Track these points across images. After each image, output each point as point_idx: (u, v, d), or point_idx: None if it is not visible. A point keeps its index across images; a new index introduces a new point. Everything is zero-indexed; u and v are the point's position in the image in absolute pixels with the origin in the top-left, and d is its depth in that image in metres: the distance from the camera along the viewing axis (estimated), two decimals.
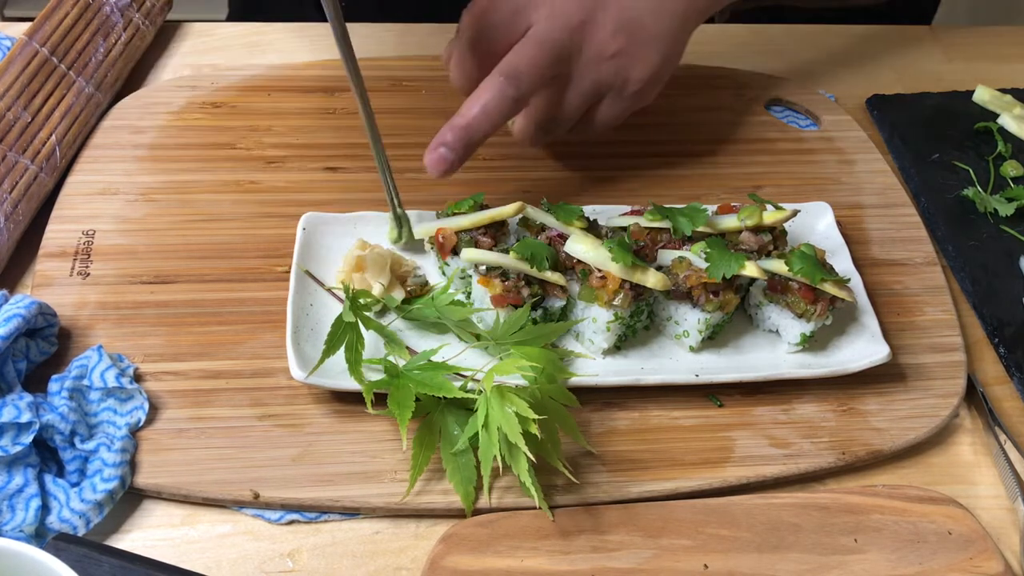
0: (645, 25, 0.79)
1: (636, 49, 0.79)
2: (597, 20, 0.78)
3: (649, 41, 0.79)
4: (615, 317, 0.71)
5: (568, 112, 0.80)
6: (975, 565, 0.64)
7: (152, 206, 0.83)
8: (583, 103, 0.80)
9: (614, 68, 0.79)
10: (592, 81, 0.79)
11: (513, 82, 0.73)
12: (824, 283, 0.72)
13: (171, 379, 0.71)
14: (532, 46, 0.75)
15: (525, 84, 0.74)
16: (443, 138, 0.73)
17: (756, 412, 0.72)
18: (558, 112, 0.80)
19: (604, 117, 0.83)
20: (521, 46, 0.75)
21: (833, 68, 1.06)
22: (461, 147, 0.73)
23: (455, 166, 0.74)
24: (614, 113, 0.82)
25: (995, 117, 0.99)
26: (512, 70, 0.74)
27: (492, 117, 0.73)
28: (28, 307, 0.67)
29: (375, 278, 0.74)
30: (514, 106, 0.74)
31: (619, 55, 0.78)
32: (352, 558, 0.64)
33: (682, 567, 0.63)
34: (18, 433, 0.62)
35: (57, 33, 0.89)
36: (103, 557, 0.55)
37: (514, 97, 0.74)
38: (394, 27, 1.05)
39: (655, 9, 0.80)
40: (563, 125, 0.82)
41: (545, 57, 0.75)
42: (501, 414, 0.62)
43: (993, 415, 0.74)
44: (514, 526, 0.64)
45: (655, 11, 0.79)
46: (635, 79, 0.80)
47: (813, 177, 0.92)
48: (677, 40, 0.82)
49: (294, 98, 0.94)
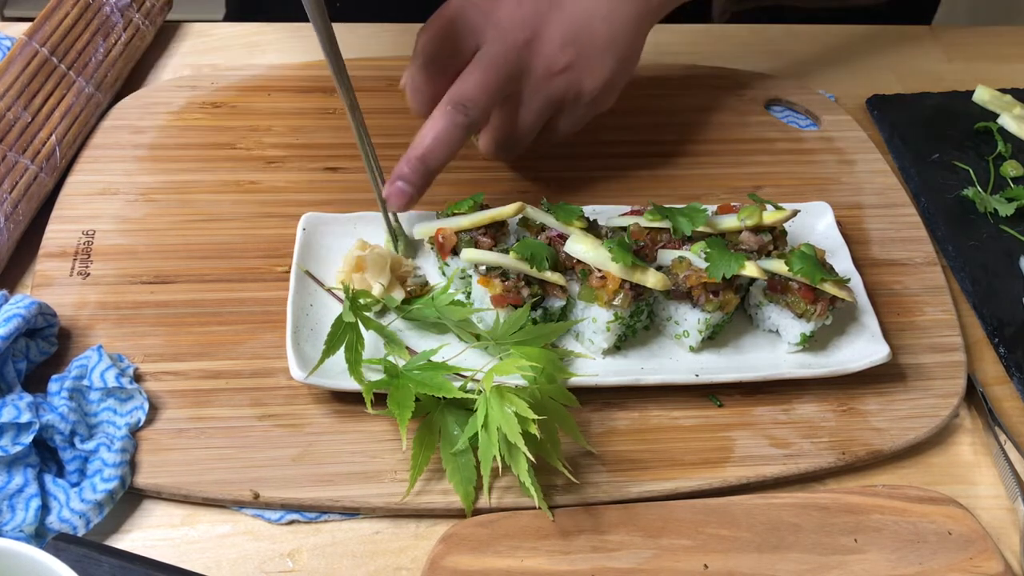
0: (596, 33, 0.78)
1: (587, 60, 0.78)
2: (544, 36, 0.77)
3: (602, 49, 0.78)
4: (615, 317, 0.71)
5: (524, 129, 0.80)
6: (975, 565, 0.64)
7: (152, 206, 0.83)
8: (538, 119, 0.80)
9: (565, 82, 0.78)
10: (544, 97, 0.78)
11: (462, 109, 0.74)
12: (824, 283, 0.72)
13: (171, 379, 0.71)
14: (479, 70, 0.75)
15: (474, 109, 0.74)
16: (400, 171, 0.74)
17: (756, 412, 0.72)
18: (515, 130, 0.80)
19: (564, 127, 0.82)
20: (468, 71, 0.75)
21: (833, 68, 1.06)
22: (418, 179, 0.74)
23: (415, 198, 0.75)
24: (573, 122, 0.82)
25: (995, 117, 0.99)
26: (459, 97, 0.74)
27: (445, 146, 0.74)
28: (28, 307, 0.67)
29: (375, 278, 0.74)
30: (466, 131, 0.74)
31: (569, 68, 0.78)
32: (352, 558, 0.64)
33: (682, 567, 0.63)
34: (18, 433, 0.62)
35: (57, 33, 0.89)
36: (103, 557, 0.55)
37: (464, 124, 0.74)
38: (392, 27, 1.05)
39: (606, 15, 0.78)
40: (522, 141, 0.81)
41: (492, 80, 0.75)
42: (501, 414, 0.62)
43: (993, 415, 0.74)
44: (514, 526, 0.64)
45: (607, 16, 0.78)
46: (588, 90, 0.79)
47: (813, 177, 0.92)
48: (632, 43, 0.81)
49: (294, 98, 0.94)
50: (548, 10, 0.78)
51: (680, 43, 1.07)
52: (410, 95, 0.78)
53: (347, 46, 1.02)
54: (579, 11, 0.78)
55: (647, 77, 0.99)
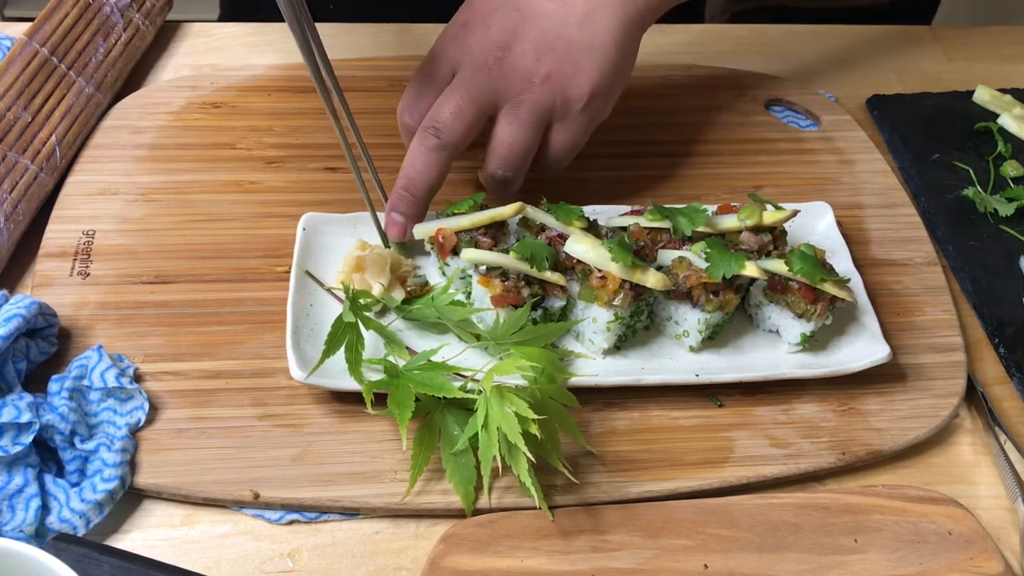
0: (572, 40, 0.77)
1: (570, 66, 0.77)
2: (515, 50, 0.76)
3: (581, 55, 0.77)
4: (615, 317, 0.71)
5: (513, 147, 0.77)
6: (975, 565, 0.64)
7: (152, 206, 0.83)
8: (526, 135, 0.77)
9: (549, 91, 0.76)
10: (528, 108, 0.76)
11: (433, 132, 0.74)
12: (824, 283, 0.72)
13: (171, 379, 0.71)
14: (449, 95, 0.75)
15: (445, 131, 0.74)
16: (392, 203, 0.77)
17: (756, 412, 0.72)
18: (508, 150, 0.77)
19: (558, 144, 0.79)
20: (442, 97, 0.76)
21: (833, 68, 1.06)
22: (409, 208, 0.77)
23: (410, 226, 0.77)
24: (568, 136, 0.79)
25: (995, 117, 0.99)
26: (431, 121, 0.75)
27: (427, 173, 0.75)
28: (28, 307, 0.67)
29: (375, 278, 0.74)
30: (442, 155, 0.75)
31: (550, 77, 0.76)
32: (352, 558, 0.64)
33: (682, 567, 0.63)
34: (18, 433, 0.62)
35: (57, 33, 0.89)
36: (103, 557, 0.55)
37: (438, 146, 0.74)
38: (392, 27, 1.05)
39: (581, 20, 0.77)
40: (516, 164, 0.78)
41: (462, 102, 0.75)
42: (501, 414, 0.62)
43: (993, 415, 0.74)
44: (514, 526, 0.64)
45: (581, 22, 0.77)
46: (576, 96, 0.77)
47: (813, 177, 0.92)
48: (619, 47, 0.78)
49: (294, 98, 0.94)
50: (518, 25, 0.77)
51: (680, 43, 1.07)
52: (401, 132, 0.80)
53: (347, 46, 1.02)
54: (551, 21, 0.77)
55: (647, 77, 0.99)
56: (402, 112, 0.79)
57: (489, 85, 0.76)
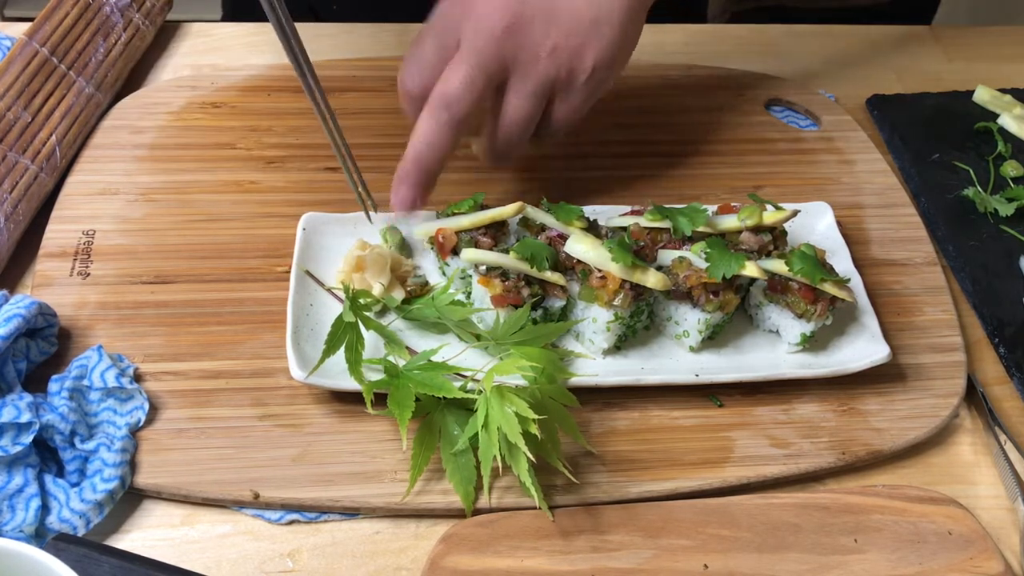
0: (579, 13, 0.76)
1: (576, 39, 0.76)
2: (523, 20, 0.75)
3: (589, 27, 0.76)
4: (615, 317, 0.71)
5: (520, 121, 0.77)
6: (975, 565, 0.64)
7: (152, 206, 0.83)
8: (532, 107, 0.77)
9: (555, 64, 0.76)
10: (535, 81, 0.76)
11: (445, 107, 0.73)
12: (824, 283, 0.72)
13: (171, 379, 0.71)
14: (459, 65, 0.74)
15: (458, 106, 0.73)
16: (398, 177, 0.75)
17: (756, 412, 0.72)
18: (510, 124, 0.77)
19: (560, 115, 0.79)
20: (449, 68, 0.74)
21: (833, 68, 1.06)
22: (417, 183, 0.75)
23: (419, 202, 0.76)
24: (571, 107, 0.79)
25: (995, 117, 0.99)
26: (442, 95, 0.74)
27: (437, 147, 0.74)
28: (28, 307, 0.67)
29: (375, 278, 0.74)
30: (455, 129, 0.74)
31: (557, 50, 0.76)
32: (352, 558, 0.64)
33: (682, 567, 0.63)
34: (18, 433, 0.62)
35: (57, 33, 0.89)
36: (103, 557, 0.55)
37: (450, 120, 0.73)
38: (392, 27, 1.05)
39: None
40: (519, 137, 0.78)
41: (473, 73, 0.74)
42: (501, 414, 0.62)
43: (993, 415, 0.74)
44: (514, 526, 0.64)
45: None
46: (583, 68, 0.77)
47: (813, 177, 0.92)
48: (625, 22, 0.78)
49: (294, 98, 0.94)
50: None
51: (680, 43, 1.07)
52: (402, 100, 0.78)
53: (347, 46, 1.02)
54: None
55: (647, 77, 0.99)
56: (404, 79, 0.77)
57: (498, 54, 0.75)
